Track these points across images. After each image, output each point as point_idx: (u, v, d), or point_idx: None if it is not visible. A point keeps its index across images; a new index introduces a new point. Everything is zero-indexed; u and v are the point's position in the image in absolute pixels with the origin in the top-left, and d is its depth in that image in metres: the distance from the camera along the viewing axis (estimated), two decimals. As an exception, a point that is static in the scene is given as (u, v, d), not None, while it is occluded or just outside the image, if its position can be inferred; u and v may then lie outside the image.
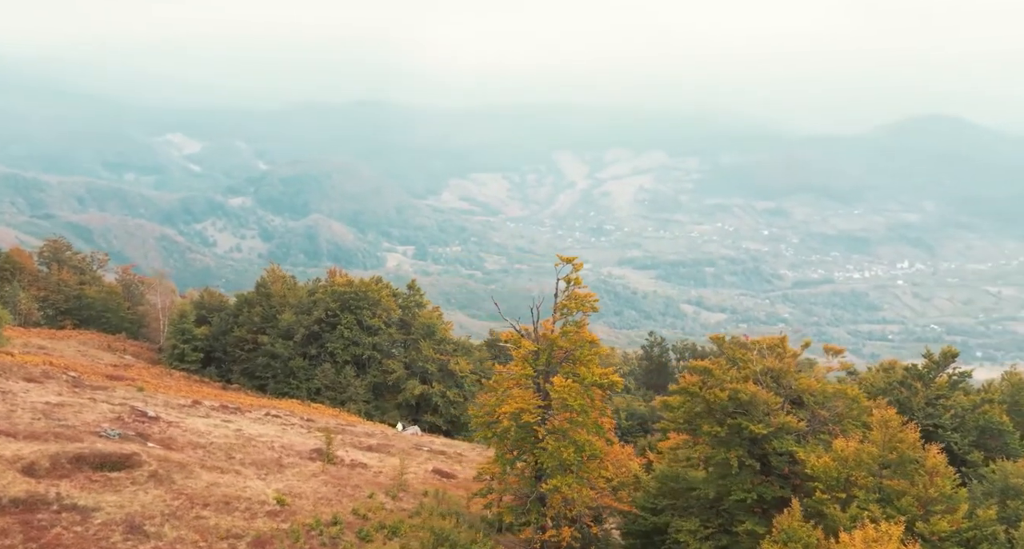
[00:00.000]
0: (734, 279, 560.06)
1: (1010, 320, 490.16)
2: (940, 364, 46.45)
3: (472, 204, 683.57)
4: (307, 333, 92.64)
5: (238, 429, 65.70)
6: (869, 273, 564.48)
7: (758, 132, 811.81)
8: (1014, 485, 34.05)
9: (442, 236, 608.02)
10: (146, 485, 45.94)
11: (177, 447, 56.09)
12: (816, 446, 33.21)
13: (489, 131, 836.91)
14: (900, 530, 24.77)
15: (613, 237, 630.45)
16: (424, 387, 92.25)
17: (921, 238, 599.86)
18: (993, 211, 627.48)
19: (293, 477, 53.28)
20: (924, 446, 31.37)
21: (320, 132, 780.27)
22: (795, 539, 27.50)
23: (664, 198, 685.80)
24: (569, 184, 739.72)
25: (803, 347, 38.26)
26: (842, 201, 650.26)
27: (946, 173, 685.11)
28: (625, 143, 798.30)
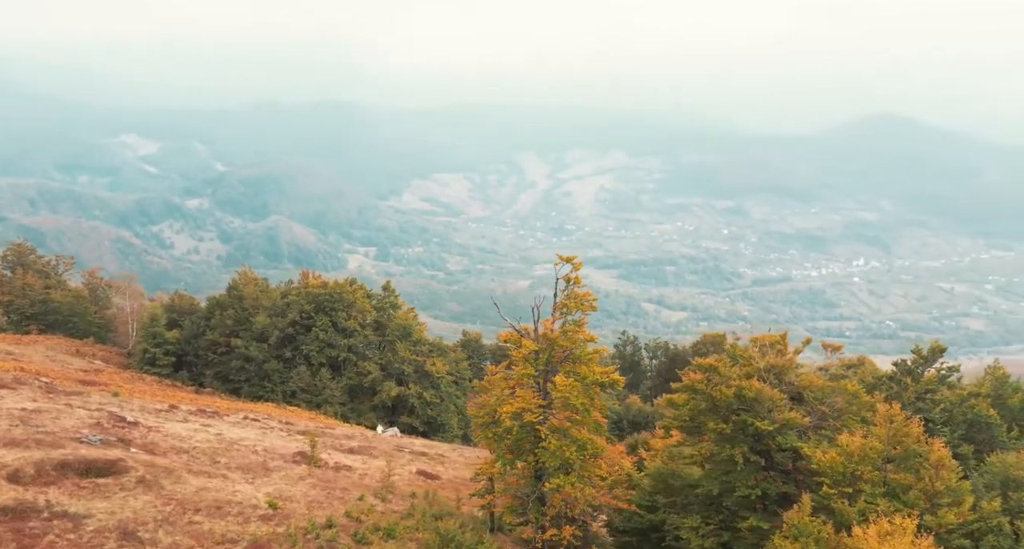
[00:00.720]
0: (695, 278, 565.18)
1: (962, 316, 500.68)
2: (928, 359, 47.43)
3: (434, 205, 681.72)
4: (282, 335, 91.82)
5: (218, 433, 65.07)
6: (826, 271, 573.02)
7: (718, 132, 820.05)
8: (1015, 477, 34.75)
9: (404, 237, 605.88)
10: (135, 491, 45.36)
11: (160, 452, 55.41)
12: (820, 441, 33.68)
13: (451, 131, 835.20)
14: (914, 524, 25.23)
15: (575, 237, 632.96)
16: (400, 388, 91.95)
17: (877, 236, 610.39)
18: (946, 210, 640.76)
19: (281, 480, 52.91)
20: (927, 440, 31.96)
21: (280, 133, 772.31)
22: (806, 534, 27.86)
23: (625, 198, 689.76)
24: (531, 184, 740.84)
25: (804, 344, 38.81)
26: (800, 200, 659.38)
27: (901, 172, 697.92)
28: (586, 143, 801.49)
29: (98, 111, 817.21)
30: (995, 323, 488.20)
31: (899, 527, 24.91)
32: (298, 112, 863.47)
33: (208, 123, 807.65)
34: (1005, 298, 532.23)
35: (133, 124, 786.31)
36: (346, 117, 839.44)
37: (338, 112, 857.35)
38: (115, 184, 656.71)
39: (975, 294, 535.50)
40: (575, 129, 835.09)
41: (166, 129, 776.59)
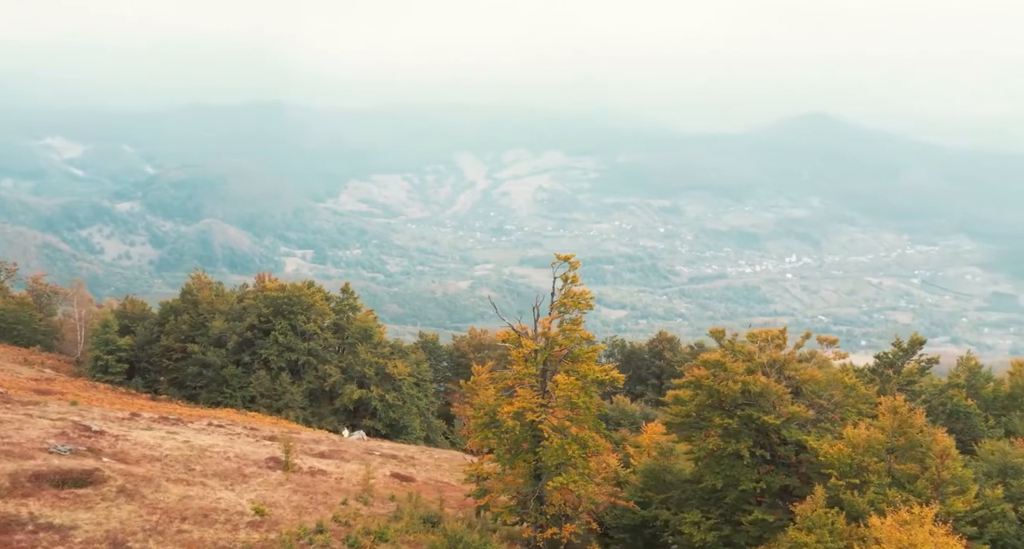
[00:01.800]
0: (632, 276, 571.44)
1: (890, 309, 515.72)
2: (908, 352, 48.98)
3: (372, 206, 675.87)
4: (240, 340, 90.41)
5: (186, 440, 63.96)
6: (760, 267, 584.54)
7: (652, 132, 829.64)
8: (1014, 464, 35.98)
9: (342, 239, 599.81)
10: (117, 500, 44.45)
11: (133, 461, 54.30)
12: (821, 434, 34.54)
13: (387, 132, 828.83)
14: (932, 513, 26.09)
15: (514, 237, 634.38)
16: (362, 391, 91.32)
17: (808, 233, 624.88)
18: (872, 206, 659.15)
19: (260, 487, 52.28)
20: (931, 431, 32.98)
21: (211, 134, 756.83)
22: (820, 525, 28.54)
23: (563, 197, 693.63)
24: (469, 184, 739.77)
25: (804, 338, 39.77)
26: (733, 198, 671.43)
27: (829, 170, 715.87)
28: (523, 143, 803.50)
29: (21, 113, 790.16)
30: (921, 316, 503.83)
31: (917, 517, 25.73)
32: (230, 113, 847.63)
33: (137, 125, 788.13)
34: (930, 292, 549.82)
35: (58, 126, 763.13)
36: (280, 118, 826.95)
37: (272, 113, 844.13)
38: (40, 188, 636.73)
39: (902, 288, 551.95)
40: (512, 129, 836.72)
41: (93, 131, 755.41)
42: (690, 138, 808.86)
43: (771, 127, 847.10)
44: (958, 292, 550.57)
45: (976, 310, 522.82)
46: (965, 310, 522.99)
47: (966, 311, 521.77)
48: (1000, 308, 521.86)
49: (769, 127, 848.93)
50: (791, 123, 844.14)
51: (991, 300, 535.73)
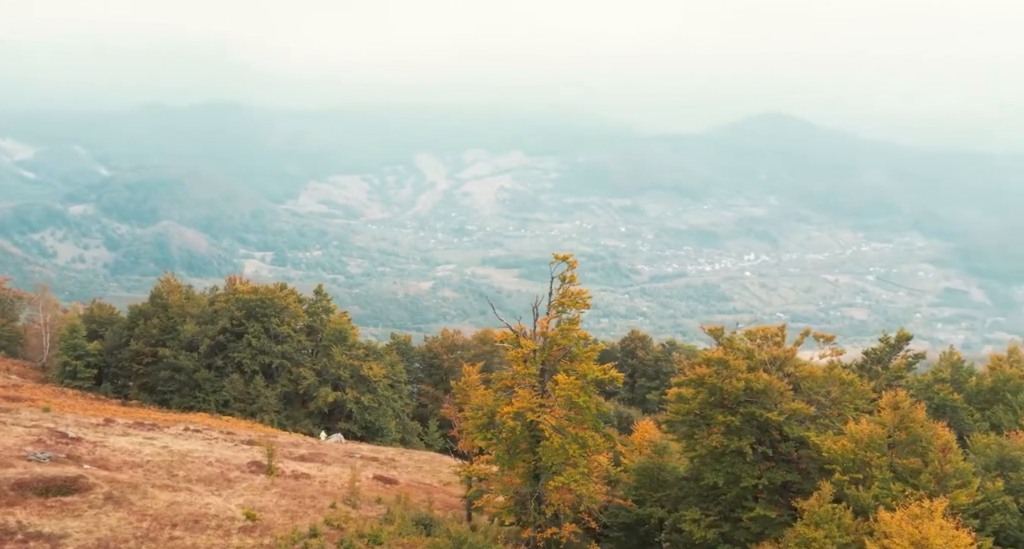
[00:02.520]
0: (594, 275, 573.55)
1: (847, 306, 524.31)
2: (895, 347, 49.90)
3: (332, 207, 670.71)
4: (212, 344, 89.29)
5: (165, 446, 63.15)
6: (719, 265, 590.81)
7: (612, 132, 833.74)
8: (1012, 457, 36.70)
9: (302, 240, 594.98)
10: (105, 508, 43.83)
11: (114, 467, 53.53)
12: (821, 430, 35.05)
13: (346, 133, 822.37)
14: (943, 506, 26.62)
15: (476, 237, 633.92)
16: (337, 394, 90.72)
17: (766, 231, 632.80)
18: (828, 204, 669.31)
19: (247, 491, 51.79)
20: (932, 425, 33.60)
21: (167, 136, 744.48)
22: (828, 521, 28.94)
23: (524, 197, 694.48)
24: (430, 185, 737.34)
25: (803, 335, 40.32)
26: (692, 197, 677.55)
27: (785, 169, 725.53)
28: (484, 143, 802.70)
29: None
30: (876, 312, 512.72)
31: (927, 510, 26.21)
32: (186, 113, 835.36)
33: (90, 126, 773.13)
34: (885, 288, 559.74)
35: (7, 127, 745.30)
36: (237, 118, 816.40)
37: (228, 113, 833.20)
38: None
39: (858, 285, 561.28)
40: (472, 129, 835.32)
41: (44, 132, 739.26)
42: (650, 138, 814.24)
43: (729, 127, 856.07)
44: (912, 288, 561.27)
45: (929, 306, 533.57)
46: (918, 306, 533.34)
47: (919, 307, 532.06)
48: (952, 304, 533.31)
49: (727, 127, 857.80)
50: (749, 123, 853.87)
51: (943, 296, 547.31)
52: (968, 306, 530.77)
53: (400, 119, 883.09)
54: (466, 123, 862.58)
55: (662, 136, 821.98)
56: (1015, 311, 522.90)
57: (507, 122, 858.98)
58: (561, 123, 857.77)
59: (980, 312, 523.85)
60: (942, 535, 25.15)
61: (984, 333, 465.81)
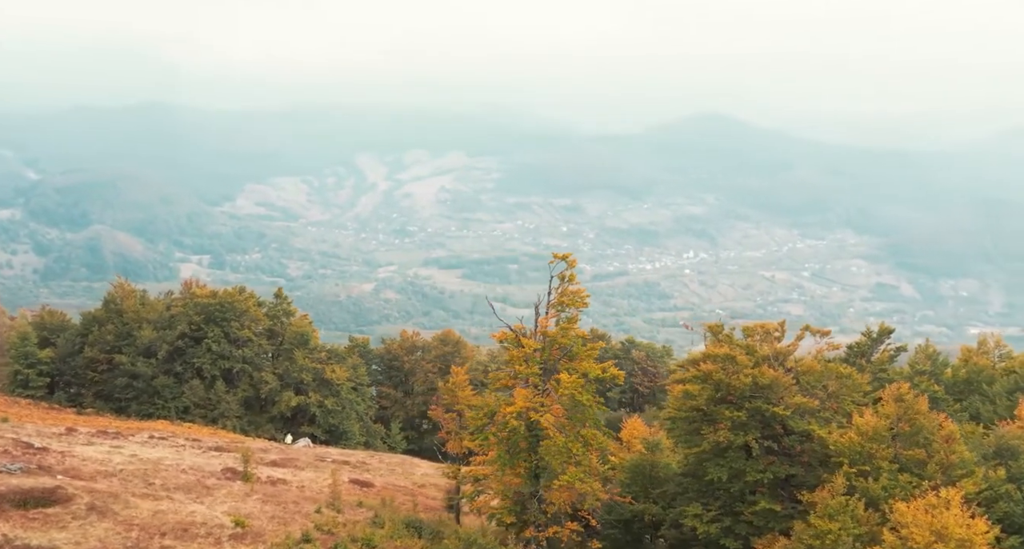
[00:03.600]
0: (537, 275, 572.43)
1: (783, 302, 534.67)
2: (877, 340, 51.28)
3: (270, 209, 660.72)
4: (171, 349, 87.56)
5: (133, 454, 61.94)
6: (659, 264, 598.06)
7: (553, 132, 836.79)
8: (1011, 446, 37.88)
9: (240, 243, 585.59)
10: (89, 518, 42.85)
11: (88, 477, 52.29)
12: (825, 423, 35.85)
13: (284, 134, 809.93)
14: (959, 495, 27.45)
15: (417, 238, 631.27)
16: (300, 398, 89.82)
17: (704, 229, 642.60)
18: (764, 203, 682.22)
19: (228, 498, 51.03)
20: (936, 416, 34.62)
21: (98, 138, 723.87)
22: (842, 513, 29.61)
23: (465, 198, 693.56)
24: (370, 186, 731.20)
25: (804, 330, 41.14)
26: (632, 197, 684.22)
27: (722, 168, 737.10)
28: (424, 144, 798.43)
29: None
30: (812, 308, 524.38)
31: (943, 500, 26.99)
32: (118, 114, 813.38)
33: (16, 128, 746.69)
34: (819, 284, 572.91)
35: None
36: (171, 119, 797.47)
37: (162, 114, 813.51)
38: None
39: (794, 281, 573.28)
40: (412, 130, 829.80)
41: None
42: (590, 138, 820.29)
43: (668, 127, 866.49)
44: (845, 283, 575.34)
45: (862, 300, 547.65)
46: (852, 301, 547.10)
47: (853, 301, 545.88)
48: (883, 298, 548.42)
49: (666, 127, 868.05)
50: (687, 123, 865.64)
51: (875, 290, 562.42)
52: (899, 300, 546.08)
53: (339, 120, 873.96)
54: (406, 124, 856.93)
55: (602, 136, 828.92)
56: (942, 305, 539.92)
57: (447, 122, 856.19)
58: (501, 123, 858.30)
59: (910, 306, 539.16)
60: (961, 524, 26.05)
61: (914, 326, 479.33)
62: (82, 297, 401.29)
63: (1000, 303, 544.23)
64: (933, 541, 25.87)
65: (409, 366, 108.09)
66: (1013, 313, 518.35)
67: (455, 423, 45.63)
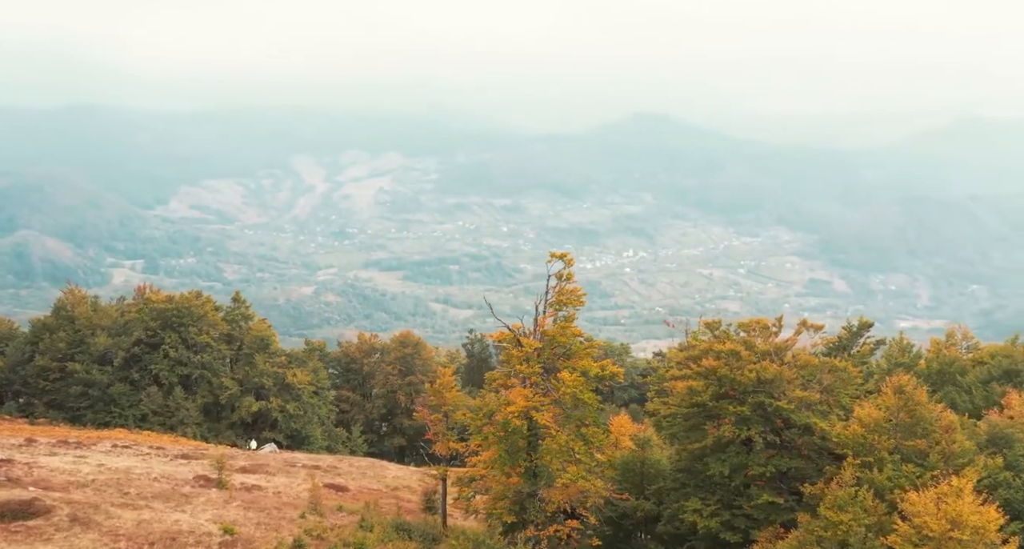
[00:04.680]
0: (478, 275, 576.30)
1: (721, 299, 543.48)
2: (856, 334, 52.66)
3: (205, 212, 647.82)
4: (126, 356, 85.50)
5: (100, 464, 60.52)
6: (600, 263, 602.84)
7: (491, 132, 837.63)
8: (1004, 435, 39.24)
9: (174, 247, 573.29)
10: (73, 530, 41.88)
11: (60, 488, 51.08)
12: (825, 416, 36.70)
13: (219, 135, 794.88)
14: (971, 484, 28.41)
15: (357, 240, 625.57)
16: (261, 403, 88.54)
17: (643, 228, 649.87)
18: (699, 201, 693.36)
19: (209, 506, 50.25)
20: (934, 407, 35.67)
21: (23, 141, 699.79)
22: (852, 504, 30.39)
23: (405, 199, 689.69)
24: (308, 188, 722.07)
25: (801, 326, 41.98)
26: (572, 196, 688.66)
27: (659, 167, 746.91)
28: (362, 145, 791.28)
29: None
30: (748, 303, 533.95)
31: (955, 489, 27.92)
32: (44, 116, 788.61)
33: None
34: (755, 280, 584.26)
35: None
36: (101, 121, 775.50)
37: (90, 115, 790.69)
38: None
39: (730, 278, 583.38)
40: (349, 131, 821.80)
41: None
42: (528, 137, 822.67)
43: (605, 127, 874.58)
44: (780, 280, 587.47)
45: (796, 296, 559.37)
46: (787, 296, 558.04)
47: (787, 297, 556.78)
48: (817, 293, 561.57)
49: (603, 127, 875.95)
50: (624, 123, 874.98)
51: (809, 286, 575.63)
52: (831, 295, 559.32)
53: (275, 121, 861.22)
54: (343, 124, 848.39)
55: (541, 136, 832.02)
56: (872, 299, 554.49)
57: (385, 123, 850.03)
58: (439, 124, 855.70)
59: (842, 301, 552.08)
60: (974, 512, 27.07)
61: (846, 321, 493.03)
62: (9, 304, 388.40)
63: (927, 296, 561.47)
64: (949, 529, 26.87)
65: (368, 369, 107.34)
66: (939, 306, 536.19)
67: (443, 424, 45.60)
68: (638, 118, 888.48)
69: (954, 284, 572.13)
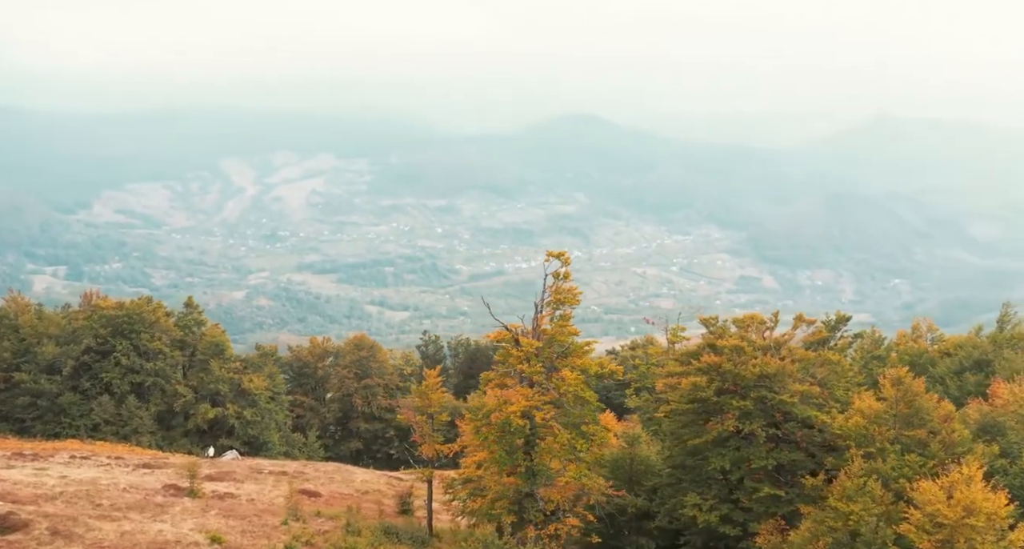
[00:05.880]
0: (414, 277, 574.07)
1: (654, 297, 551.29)
2: (835, 328, 53.98)
3: (131, 217, 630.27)
4: (76, 365, 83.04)
5: (63, 476, 58.76)
6: (535, 262, 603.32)
7: (424, 133, 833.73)
8: (996, 423, 40.66)
9: (99, 253, 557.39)
10: (55, 544, 40.86)
11: (28, 500, 49.48)
12: (820, 409, 37.63)
13: (143, 138, 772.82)
14: (980, 472, 29.45)
15: (289, 243, 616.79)
16: (217, 410, 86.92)
17: (577, 228, 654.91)
18: (631, 200, 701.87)
19: (188, 515, 49.33)
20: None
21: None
22: (861, 493, 31.28)
23: (338, 200, 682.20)
24: (238, 190, 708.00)
25: (798, 321, 42.81)
26: (506, 196, 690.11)
27: (592, 167, 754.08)
28: (293, 146, 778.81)
29: None
30: (681, 301, 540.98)
31: (966, 477, 28.95)
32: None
33: None
34: (687, 278, 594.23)
35: None
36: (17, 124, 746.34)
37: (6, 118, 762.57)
38: None
39: (663, 276, 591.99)
40: (279, 132, 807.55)
41: None
42: (461, 138, 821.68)
43: (538, 127, 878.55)
44: (711, 277, 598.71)
45: (727, 293, 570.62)
46: (718, 293, 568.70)
47: (719, 294, 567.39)
48: (747, 290, 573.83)
49: (537, 127, 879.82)
50: (556, 123, 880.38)
51: (739, 283, 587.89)
52: (761, 292, 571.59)
53: (201, 122, 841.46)
54: (273, 125, 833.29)
55: (475, 136, 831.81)
56: (800, 294, 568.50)
57: (315, 124, 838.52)
58: (371, 125, 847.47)
59: (771, 297, 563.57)
60: (987, 498, 28.15)
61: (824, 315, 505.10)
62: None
63: (851, 291, 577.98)
64: (964, 517, 27.95)
65: (322, 373, 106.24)
66: (863, 300, 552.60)
67: (428, 426, 45.49)
68: (570, 118, 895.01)
69: (877, 278, 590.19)
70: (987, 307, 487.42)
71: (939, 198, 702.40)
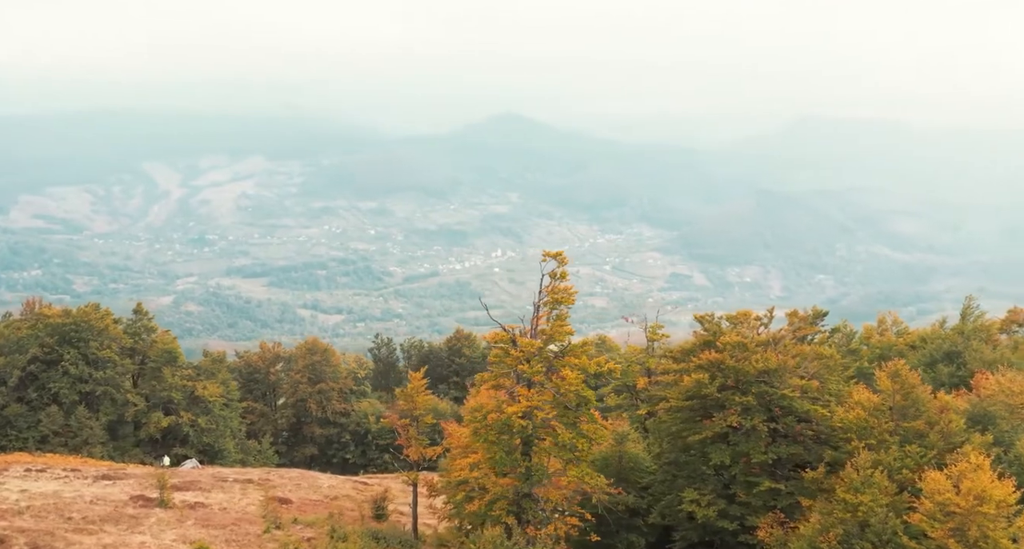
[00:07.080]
0: (347, 280, 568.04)
1: (588, 296, 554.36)
2: (813, 324, 55.06)
3: (50, 222, 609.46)
4: (22, 375, 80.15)
5: (22, 489, 57.02)
6: (469, 263, 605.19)
7: (354, 134, 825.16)
8: (987, 413, 41.89)
9: (16, 260, 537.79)
10: (38, 562, 39.28)
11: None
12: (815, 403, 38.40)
13: (62, 141, 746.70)
14: (989, 461, 30.43)
15: (218, 247, 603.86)
16: (171, 418, 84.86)
17: (510, 228, 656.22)
18: (565, 200, 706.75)
19: (165, 526, 48.27)
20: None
21: None
22: (868, 485, 32.09)
23: (268, 203, 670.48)
24: (163, 194, 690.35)
25: (793, 318, 43.53)
26: (439, 197, 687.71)
27: (524, 167, 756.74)
28: (220, 149, 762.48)
29: None
30: (614, 299, 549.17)
31: (974, 465, 29.94)
32: None
33: None
34: (620, 277, 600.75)
35: None
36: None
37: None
38: None
39: (597, 275, 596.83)
40: (205, 134, 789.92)
41: None
42: (392, 139, 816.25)
43: (470, 127, 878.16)
44: (643, 275, 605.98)
45: (659, 290, 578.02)
46: (650, 291, 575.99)
47: (651, 292, 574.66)
48: (678, 287, 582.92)
49: (468, 128, 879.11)
50: (488, 123, 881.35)
51: (671, 280, 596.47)
52: (692, 289, 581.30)
53: (124, 125, 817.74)
54: (199, 128, 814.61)
55: (406, 137, 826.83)
56: (730, 291, 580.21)
57: (244, 126, 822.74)
58: (301, 126, 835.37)
59: (702, 294, 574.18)
60: (995, 486, 29.19)
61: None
62: None
63: (779, 287, 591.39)
64: (976, 505, 28.97)
65: (274, 378, 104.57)
66: (791, 296, 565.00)
67: (414, 429, 45.23)
68: (501, 119, 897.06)
69: (803, 274, 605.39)
70: (907, 300, 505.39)
71: (862, 196, 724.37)
